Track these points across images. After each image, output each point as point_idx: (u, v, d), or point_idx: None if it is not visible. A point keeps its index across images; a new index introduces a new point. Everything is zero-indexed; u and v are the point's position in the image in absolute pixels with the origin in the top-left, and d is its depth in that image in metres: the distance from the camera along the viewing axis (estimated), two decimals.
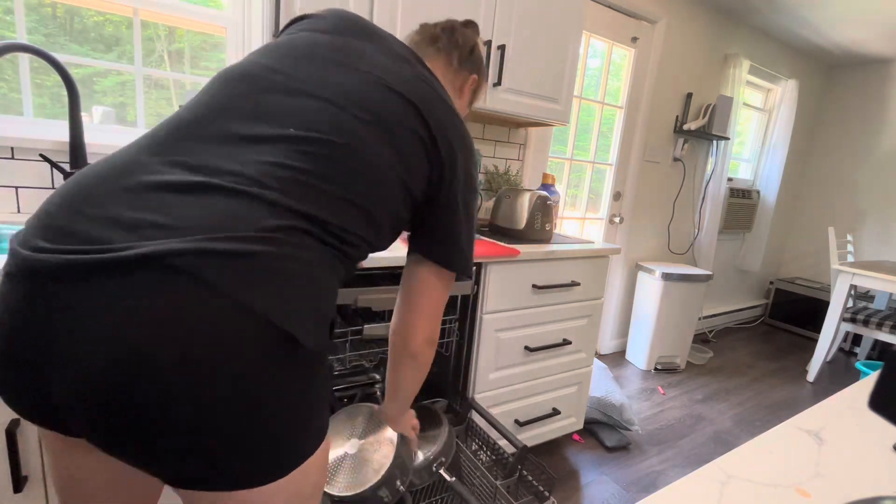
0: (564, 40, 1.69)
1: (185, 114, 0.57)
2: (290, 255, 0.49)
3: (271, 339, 0.46)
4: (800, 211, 3.94)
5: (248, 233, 0.47)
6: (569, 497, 1.57)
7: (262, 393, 0.46)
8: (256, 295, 0.45)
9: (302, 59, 0.63)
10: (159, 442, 0.44)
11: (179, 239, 0.44)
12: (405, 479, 1.03)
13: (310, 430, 0.53)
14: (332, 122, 0.57)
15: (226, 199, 0.48)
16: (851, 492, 0.46)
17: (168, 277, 0.43)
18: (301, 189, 0.52)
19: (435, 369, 1.56)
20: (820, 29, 2.89)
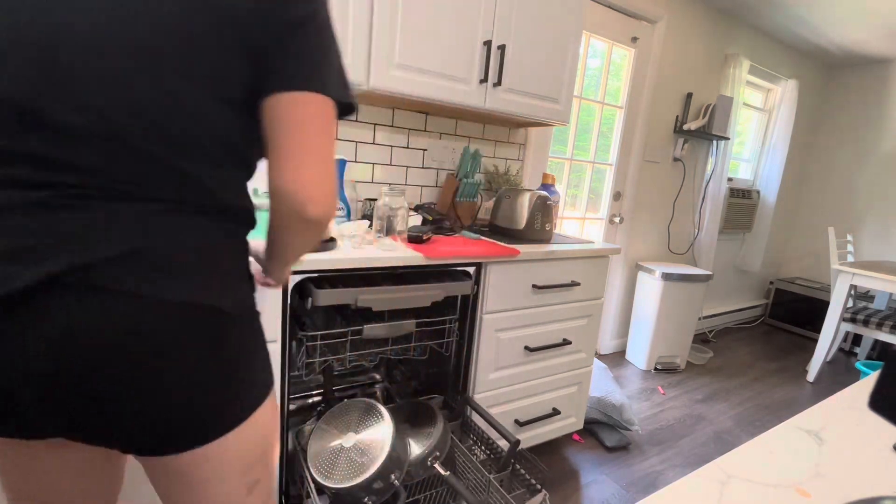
0: (564, 40, 1.69)
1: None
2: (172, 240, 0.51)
3: (196, 317, 0.51)
4: (800, 211, 3.94)
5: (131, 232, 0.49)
6: (569, 497, 1.57)
7: (202, 363, 0.52)
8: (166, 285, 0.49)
9: None
10: (120, 426, 0.50)
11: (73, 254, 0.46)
12: (400, 472, 1.03)
13: (248, 385, 0.58)
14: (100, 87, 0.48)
15: (89, 210, 0.48)
16: (851, 492, 0.46)
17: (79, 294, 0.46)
18: (145, 170, 0.50)
19: (434, 369, 1.56)
20: (820, 29, 2.89)
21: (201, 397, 0.52)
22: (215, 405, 0.54)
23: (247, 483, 0.61)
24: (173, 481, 0.57)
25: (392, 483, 1.02)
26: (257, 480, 0.63)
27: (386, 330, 1.25)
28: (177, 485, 0.58)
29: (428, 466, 1.12)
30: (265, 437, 0.62)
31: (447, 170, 1.91)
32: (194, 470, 0.56)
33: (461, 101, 1.50)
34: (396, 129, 1.75)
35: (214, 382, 0.53)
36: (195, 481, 0.57)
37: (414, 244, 1.31)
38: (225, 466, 0.57)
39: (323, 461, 1.06)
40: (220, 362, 0.54)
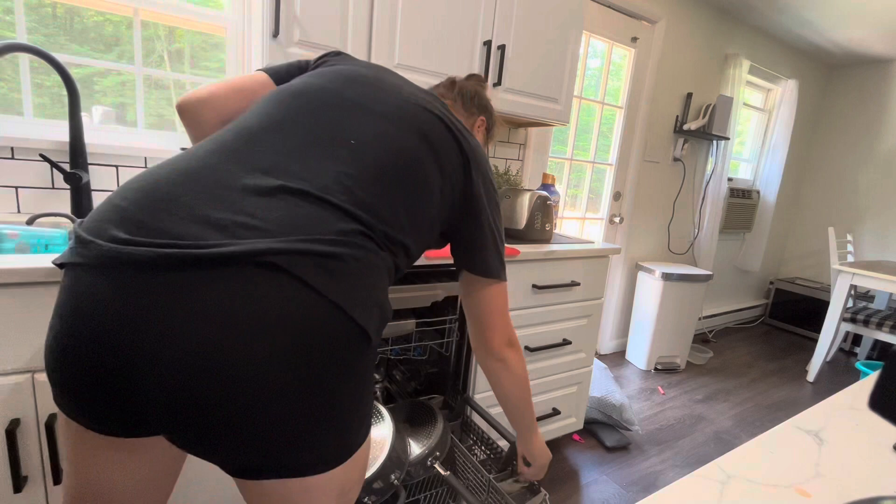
0: (564, 40, 1.69)
1: (250, 124, 0.60)
2: (364, 259, 0.53)
3: (351, 334, 0.50)
4: (800, 211, 3.94)
5: (330, 235, 0.50)
6: (569, 497, 1.57)
7: (340, 384, 0.49)
8: (343, 292, 0.49)
9: (351, 81, 0.69)
10: (244, 433, 0.44)
11: (273, 239, 0.46)
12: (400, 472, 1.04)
13: (365, 419, 0.56)
14: (386, 135, 0.63)
15: (304, 203, 0.51)
16: (851, 492, 0.46)
17: (265, 273, 0.45)
18: (363, 197, 0.57)
19: (434, 369, 1.56)
20: (820, 29, 2.89)
21: (336, 421, 0.50)
22: (343, 433, 0.52)
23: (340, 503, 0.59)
24: (265, 500, 0.53)
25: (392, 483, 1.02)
26: (350, 500, 0.60)
27: (386, 330, 1.25)
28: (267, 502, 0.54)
29: (428, 466, 1.12)
30: (363, 468, 0.60)
31: None
32: (300, 496, 0.51)
33: None
34: None
35: (349, 407, 0.51)
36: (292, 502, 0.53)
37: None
38: (326, 495, 0.54)
39: None
40: (357, 389, 0.52)
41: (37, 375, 0.81)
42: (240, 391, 0.43)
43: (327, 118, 0.62)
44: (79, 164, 1.20)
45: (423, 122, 0.68)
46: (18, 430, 0.81)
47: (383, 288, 0.58)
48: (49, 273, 0.77)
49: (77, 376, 0.45)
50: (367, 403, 0.57)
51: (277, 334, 0.44)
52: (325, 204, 0.53)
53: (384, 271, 0.58)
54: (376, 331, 0.54)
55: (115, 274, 0.43)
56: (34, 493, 0.86)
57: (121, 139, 1.33)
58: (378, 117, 0.64)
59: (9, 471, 0.81)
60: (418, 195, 0.65)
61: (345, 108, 0.64)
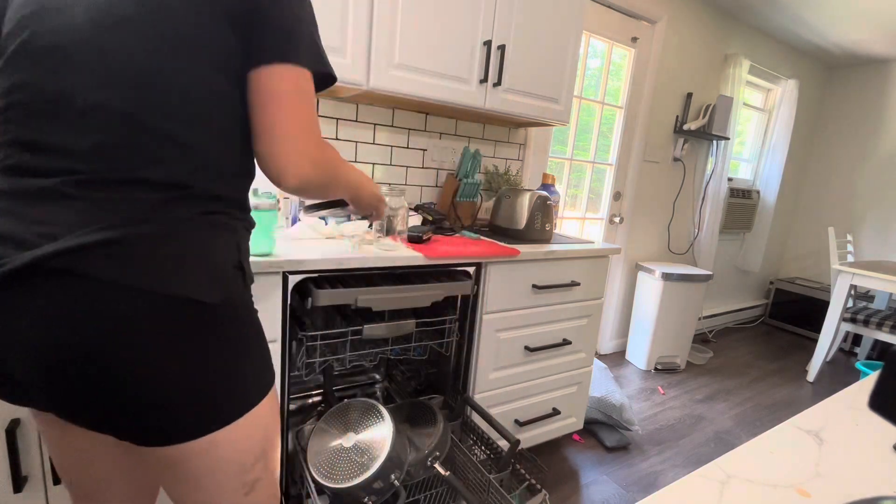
0: (564, 40, 1.69)
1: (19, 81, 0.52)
2: (162, 230, 0.51)
3: (170, 308, 0.50)
4: (800, 211, 3.94)
5: (113, 221, 0.49)
6: (569, 497, 1.57)
7: (182, 355, 0.51)
8: (142, 274, 0.49)
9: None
10: (108, 412, 0.51)
11: (56, 242, 0.47)
12: (400, 472, 1.04)
13: (244, 383, 0.58)
14: (104, 67, 0.50)
15: (74, 193, 0.50)
16: (851, 492, 0.46)
17: (50, 280, 0.47)
18: (141, 158, 0.51)
19: (434, 369, 1.56)
20: (820, 29, 2.89)
21: (188, 389, 0.52)
22: (204, 399, 0.54)
23: (244, 483, 0.60)
24: (167, 474, 0.58)
25: (392, 483, 1.02)
26: (256, 480, 0.62)
27: (386, 330, 1.25)
28: (171, 478, 0.58)
29: (428, 466, 1.12)
30: (264, 436, 0.61)
31: (447, 170, 1.91)
32: (188, 464, 0.55)
33: (461, 101, 1.50)
34: (396, 129, 1.75)
35: (201, 375, 0.53)
36: (190, 476, 0.57)
37: (414, 244, 1.31)
38: (220, 463, 0.57)
39: (323, 461, 1.06)
40: (206, 355, 0.53)
41: None
42: (78, 379, 0.49)
43: (39, 75, 0.51)
44: None
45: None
46: (18, 430, 0.81)
47: (207, 242, 0.55)
48: None
49: None
50: (248, 363, 0.58)
51: (85, 329, 0.47)
52: (104, 189, 0.50)
53: (205, 225, 0.55)
54: (214, 292, 0.53)
55: None
56: (34, 493, 0.86)
57: None
58: (82, 49, 0.51)
59: (9, 471, 0.81)
60: (186, 99, 0.53)
61: (44, 53, 0.51)
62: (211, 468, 0.57)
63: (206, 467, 0.56)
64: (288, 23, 0.58)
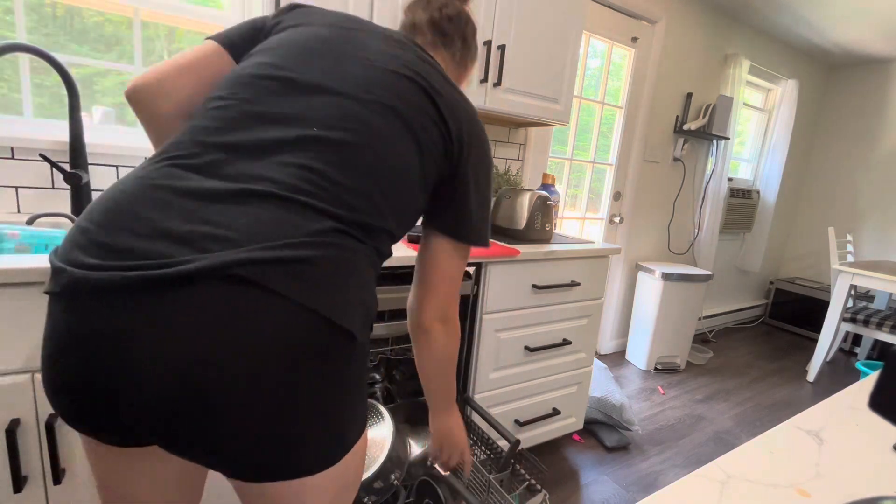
0: (564, 40, 1.69)
1: (205, 122, 0.56)
2: (338, 257, 0.51)
3: (332, 336, 0.49)
4: (800, 211, 3.94)
5: (300, 238, 0.48)
6: (569, 497, 1.57)
7: (326, 388, 0.49)
8: (318, 297, 0.47)
9: (308, 53, 0.62)
10: (233, 441, 0.45)
11: (237, 249, 0.45)
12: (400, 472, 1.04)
13: (358, 417, 0.56)
14: (350, 116, 0.58)
15: (270, 207, 0.49)
16: (851, 492, 0.46)
17: (233, 288, 0.44)
18: (334, 190, 0.54)
19: None
20: (820, 29, 2.89)
21: (325, 423, 0.50)
22: (334, 434, 0.52)
23: None
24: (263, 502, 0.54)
25: (392, 483, 1.02)
26: (347, 500, 0.60)
27: (386, 330, 1.25)
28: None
29: (428, 466, 1.12)
30: (357, 469, 0.60)
31: None
32: (294, 497, 0.52)
33: None
34: None
35: (337, 409, 0.51)
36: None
37: (414, 244, 1.31)
38: (320, 494, 0.54)
39: None
40: (344, 390, 0.52)
41: (37, 375, 0.81)
42: (219, 403, 0.43)
43: (283, 105, 0.57)
44: (79, 164, 1.20)
45: (393, 92, 0.62)
46: (18, 430, 0.81)
47: (366, 282, 0.56)
48: (48, 273, 0.77)
49: (68, 399, 0.47)
50: (360, 401, 0.56)
51: (252, 347, 0.44)
52: (292, 204, 0.50)
53: (365, 265, 0.56)
54: (361, 328, 0.53)
55: (87, 301, 0.44)
56: (34, 493, 0.86)
57: (121, 139, 1.33)
58: (340, 97, 0.59)
59: (9, 471, 0.81)
60: (394, 177, 0.60)
61: (302, 91, 0.58)
62: (313, 499, 0.54)
63: (310, 499, 0.53)
64: (474, 204, 0.72)
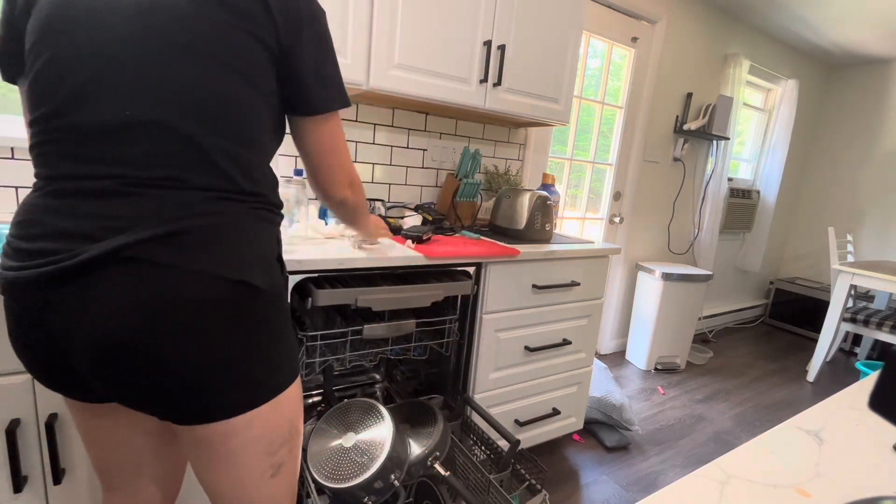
0: (564, 40, 1.69)
1: (51, 107, 0.55)
2: (217, 222, 0.57)
3: (227, 290, 0.55)
4: (800, 211, 3.94)
5: (176, 215, 0.54)
6: (569, 497, 1.57)
7: (233, 336, 0.56)
8: (204, 259, 0.54)
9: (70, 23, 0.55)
10: (154, 389, 0.55)
11: (125, 234, 0.52)
12: (400, 472, 1.04)
13: (279, 364, 0.62)
14: (157, 81, 0.55)
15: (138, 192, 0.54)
16: (851, 492, 0.46)
17: (129, 266, 0.52)
18: (192, 159, 0.56)
19: (434, 369, 1.56)
20: (820, 29, 2.89)
21: (234, 369, 0.57)
22: (246, 379, 0.58)
23: (271, 464, 0.64)
24: (202, 452, 0.61)
25: (392, 483, 1.02)
26: (282, 464, 0.66)
27: (386, 330, 1.25)
28: (205, 456, 0.61)
29: (428, 466, 1.12)
30: (290, 421, 0.66)
31: (447, 170, 1.91)
32: (222, 442, 0.60)
33: (461, 101, 1.50)
34: (396, 129, 1.75)
35: (246, 355, 0.58)
36: (223, 454, 0.61)
37: (414, 244, 1.31)
38: (251, 442, 0.61)
39: (323, 461, 1.06)
40: (253, 337, 0.58)
41: None
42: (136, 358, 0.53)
43: (91, 84, 0.54)
44: None
45: (178, 26, 0.55)
46: (18, 430, 0.81)
47: (256, 232, 0.61)
48: None
49: (32, 365, 0.59)
50: (279, 349, 0.62)
51: (153, 310, 0.52)
52: (162, 187, 0.55)
53: (251, 217, 0.61)
54: (262, 277, 0.59)
55: (21, 295, 0.55)
56: (34, 493, 0.86)
57: None
58: (132, 53, 0.54)
59: (9, 471, 0.81)
60: (232, 119, 0.59)
61: (96, 56, 0.54)
62: (244, 446, 0.61)
63: (240, 445, 0.60)
64: (323, 70, 0.68)
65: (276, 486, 0.66)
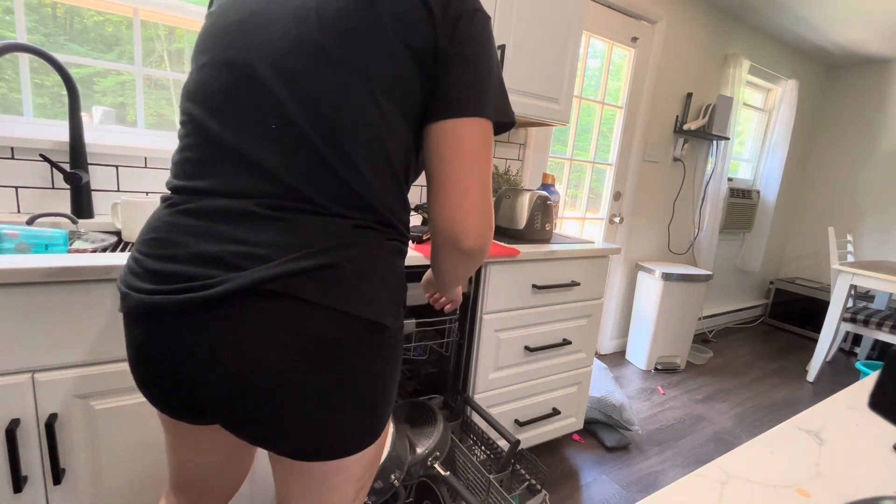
0: (564, 40, 1.69)
1: (204, 123, 0.55)
2: (358, 257, 0.53)
3: (365, 331, 0.53)
4: (800, 211, 3.94)
5: (321, 246, 0.51)
6: (569, 497, 1.57)
7: (364, 378, 0.54)
8: (347, 298, 0.51)
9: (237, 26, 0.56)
10: (278, 427, 0.52)
11: (268, 265, 0.49)
12: (400, 472, 1.04)
13: (391, 399, 0.60)
14: (300, 96, 0.52)
15: (283, 217, 0.52)
16: (851, 492, 0.46)
17: (270, 302, 0.49)
18: (332, 182, 0.53)
19: (434, 369, 1.56)
20: (820, 29, 2.89)
21: (359, 407, 0.55)
22: (365, 420, 0.56)
23: (356, 489, 0.63)
24: (305, 481, 0.59)
25: (392, 483, 1.02)
26: (362, 487, 0.64)
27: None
28: (305, 485, 0.59)
29: (428, 466, 1.12)
30: (381, 450, 0.64)
31: None
32: (331, 476, 0.58)
33: None
34: None
35: (376, 394, 0.56)
36: (326, 486, 0.59)
37: (414, 244, 1.31)
38: (353, 476, 0.59)
39: None
40: (378, 378, 0.56)
41: (37, 375, 0.81)
42: (268, 397, 0.50)
43: (240, 100, 0.53)
44: (79, 163, 1.20)
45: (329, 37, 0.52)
46: (18, 430, 0.81)
47: (392, 271, 0.57)
48: (48, 273, 0.77)
49: (150, 392, 0.58)
50: (393, 384, 0.60)
51: (292, 348, 0.49)
52: (303, 212, 0.52)
53: (388, 251, 0.57)
54: (392, 316, 0.56)
55: (149, 320, 0.52)
56: (34, 493, 0.86)
57: (121, 139, 1.33)
58: (284, 73, 0.52)
59: (9, 471, 0.81)
60: (370, 144, 0.54)
61: (249, 79, 0.53)
62: (347, 480, 0.59)
63: (344, 480, 0.59)
64: (480, 69, 0.57)
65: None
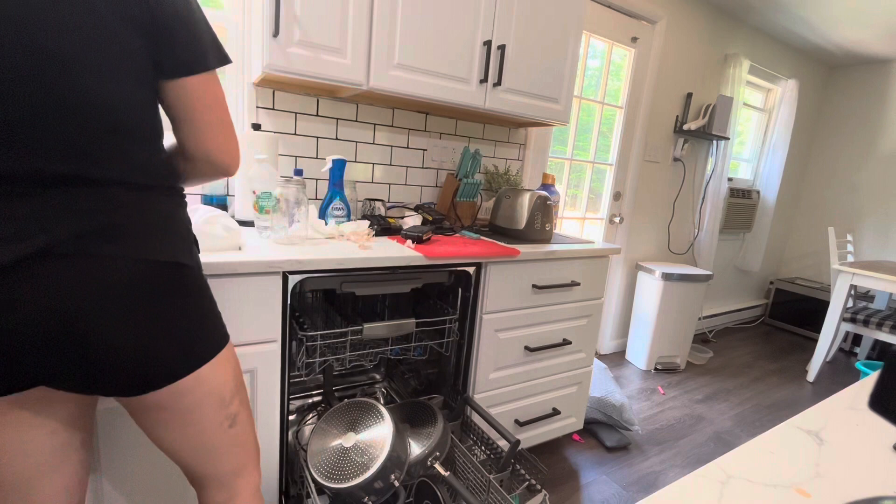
0: (564, 40, 1.69)
1: None
2: (139, 212, 0.61)
3: (160, 270, 0.61)
4: (800, 211, 3.94)
5: (100, 209, 0.57)
6: (569, 497, 1.57)
7: (170, 308, 0.62)
8: (132, 247, 0.59)
9: None
10: (101, 367, 0.58)
11: (49, 234, 0.53)
12: (400, 472, 1.04)
13: (211, 328, 0.69)
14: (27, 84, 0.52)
15: (55, 195, 0.55)
16: (851, 492, 0.46)
17: (68, 259, 0.54)
18: (80, 162, 0.57)
19: (434, 369, 1.56)
20: (820, 29, 2.89)
21: (177, 336, 0.63)
22: (188, 342, 0.65)
23: (227, 416, 0.71)
24: (160, 416, 0.66)
25: (392, 483, 1.02)
26: (236, 414, 0.73)
27: (386, 330, 1.25)
28: (163, 419, 0.66)
29: (428, 466, 1.12)
30: (234, 377, 0.73)
31: (447, 170, 1.91)
32: (176, 401, 0.65)
33: (461, 101, 1.50)
34: (396, 129, 1.75)
35: (186, 322, 0.64)
36: (178, 412, 0.66)
37: (414, 244, 1.31)
38: (203, 397, 0.67)
39: (323, 461, 1.06)
40: (189, 306, 0.65)
41: None
42: (83, 338, 0.56)
43: None
44: None
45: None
46: None
47: (174, 218, 0.65)
48: None
49: None
50: (211, 316, 0.69)
51: (97, 294, 0.56)
52: (66, 185, 0.56)
53: (165, 206, 0.64)
54: (185, 255, 0.65)
55: None
56: None
57: None
58: None
59: None
60: (120, 126, 0.59)
61: None
62: (198, 402, 0.67)
63: (194, 402, 0.66)
64: (194, 28, 0.65)
65: (235, 434, 0.73)
